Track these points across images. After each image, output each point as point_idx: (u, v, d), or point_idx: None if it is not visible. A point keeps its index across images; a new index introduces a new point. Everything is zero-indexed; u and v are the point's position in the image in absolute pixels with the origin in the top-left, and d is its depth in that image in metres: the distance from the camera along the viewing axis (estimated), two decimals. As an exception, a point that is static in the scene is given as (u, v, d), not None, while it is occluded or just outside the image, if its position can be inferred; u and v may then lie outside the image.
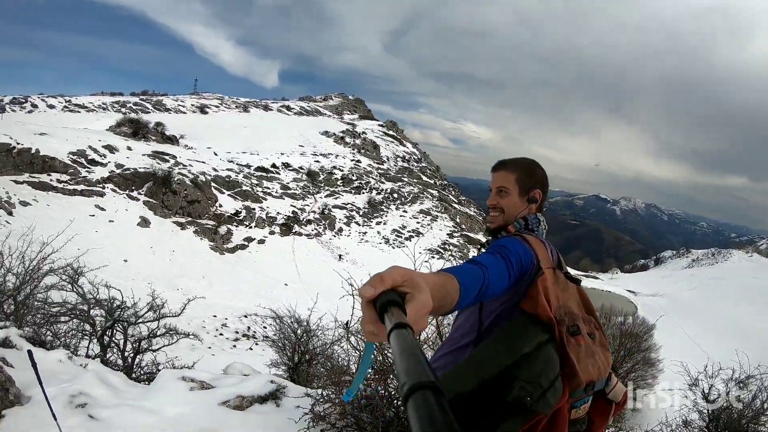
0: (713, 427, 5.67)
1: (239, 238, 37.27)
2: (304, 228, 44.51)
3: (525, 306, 1.67)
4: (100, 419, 3.64)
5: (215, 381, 4.81)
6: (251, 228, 39.42)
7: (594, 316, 1.87)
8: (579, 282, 1.92)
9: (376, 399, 3.79)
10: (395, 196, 59.73)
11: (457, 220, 63.38)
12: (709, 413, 5.70)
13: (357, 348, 5.03)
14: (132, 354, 6.74)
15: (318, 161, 57.34)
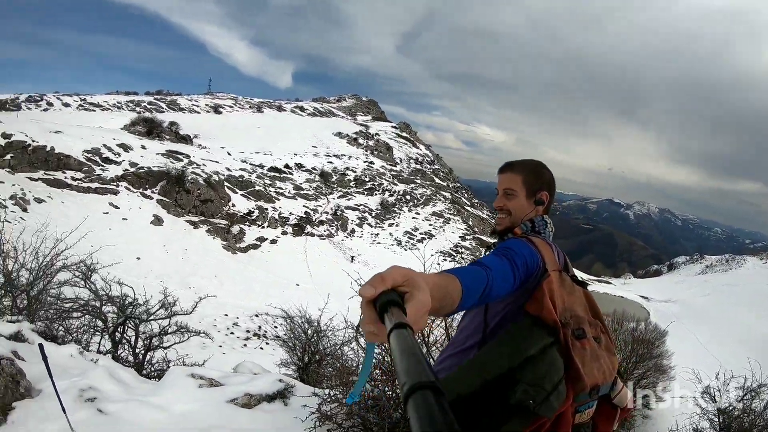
0: (724, 436, 5.60)
1: (252, 237, 37.44)
2: (316, 228, 44.61)
3: (530, 308, 1.65)
4: (108, 413, 3.68)
5: (224, 379, 4.85)
6: (264, 228, 39.58)
7: (600, 319, 1.85)
8: (586, 285, 1.90)
9: (383, 400, 3.79)
10: (408, 198, 59.65)
11: (470, 222, 63.16)
12: (720, 422, 5.62)
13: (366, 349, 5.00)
14: (143, 351, 6.80)
15: (331, 162, 57.45)
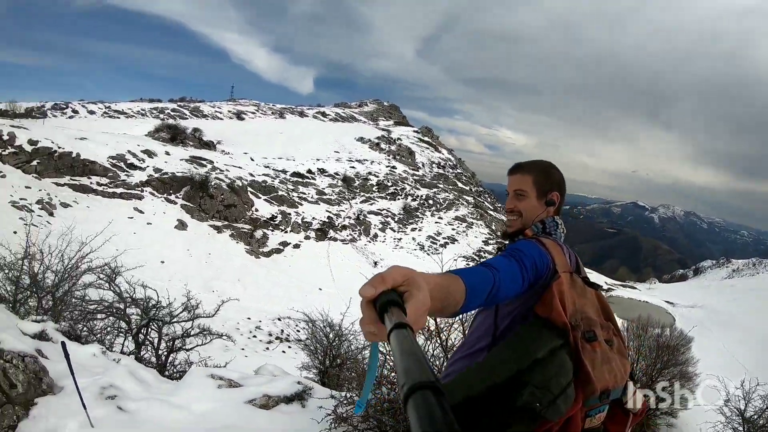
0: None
1: (275, 242, 37.70)
2: (339, 233, 44.75)
3: (539, 310, 1.64)
4: (128, 411, 3.76)
5: (243, 380, 4.89)
6: (287, 233, 39.84)
7: (613, 322, 1.82)
8: (598, 287, 1.88)
9: (398, 403, 3.77)
10: (430, 202, 59.52)
11: (493, 227, 62.70)
12: (745, 431, 5.47)
13: (386, 354, 4.99)
14: (166, 352, 6.91)
15: (353, 167, 57.61)
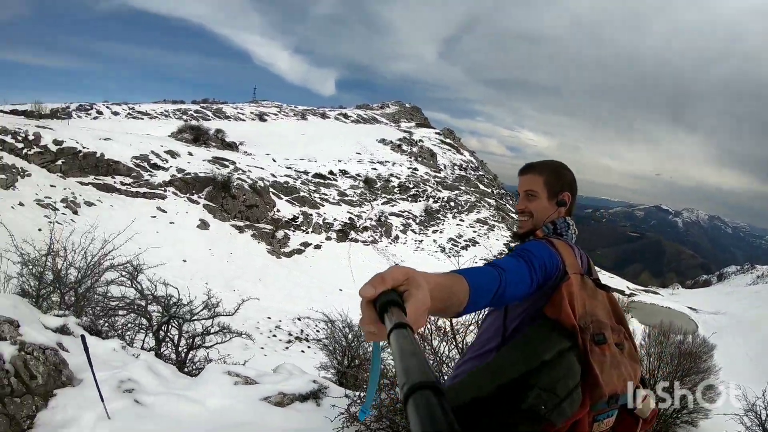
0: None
1: (296, 242, 37.97)
2: (360, 234, 44.87)
3: (548, 311, 1.62)
4: (145, 404, 3.84)
5: (259, 377, 4.95)
6: (308, 233, 40.08)
7: (624, 325, 1.79)
8: (609, 289, 1.85)
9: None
10: (452, 204, 59.33)
11: (515, 229, 62.17)
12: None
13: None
14: (186, 349, 7.01)
15: (375, 168, 57.71)
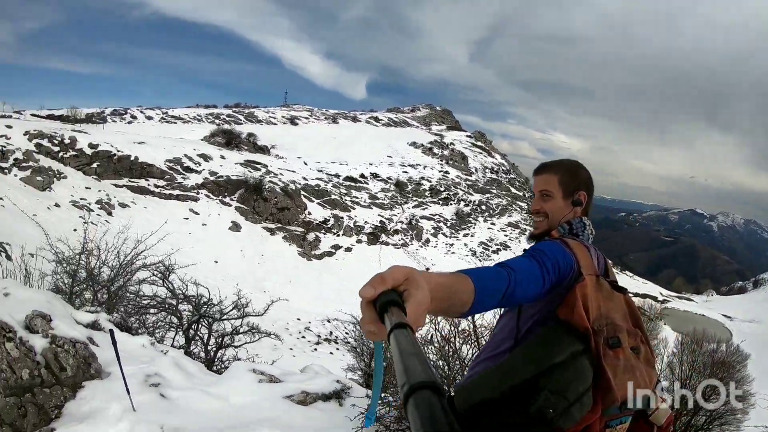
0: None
1: (327, 245, 38.27)
2: (391, 238, 44.93)
3: (561, 313, 1.59)
4: (170, 399, 3.95)
5: (284, 376, 5.01)
6: (339, 236, 40.35)
7: (641, 329, 1.74)
8: (626, 291, 1.82)
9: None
10: (483, 208, 58.88)
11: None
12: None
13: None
14: (215, 348, 7.14)
15: (406, 172, 57.71)
